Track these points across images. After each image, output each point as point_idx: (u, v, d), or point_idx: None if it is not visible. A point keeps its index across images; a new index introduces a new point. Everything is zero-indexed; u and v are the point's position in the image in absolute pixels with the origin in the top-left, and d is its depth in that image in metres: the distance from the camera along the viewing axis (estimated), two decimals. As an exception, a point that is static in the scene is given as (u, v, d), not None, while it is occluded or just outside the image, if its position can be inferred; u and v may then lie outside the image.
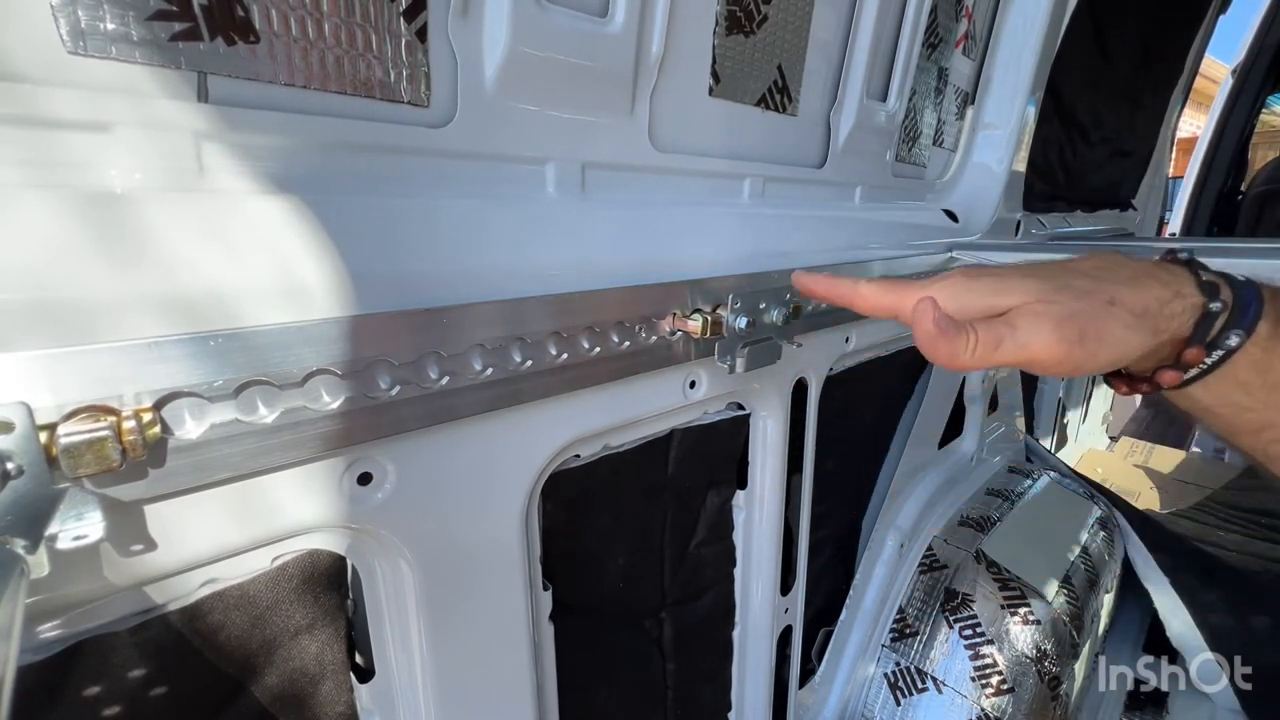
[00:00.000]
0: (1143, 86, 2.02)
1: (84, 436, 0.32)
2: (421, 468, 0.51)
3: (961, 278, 0.47)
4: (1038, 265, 0.48)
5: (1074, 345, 0.42)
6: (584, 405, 0.63)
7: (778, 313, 0.73)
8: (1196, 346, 0.45)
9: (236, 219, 0.41)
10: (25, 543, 0.32)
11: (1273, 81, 2.86)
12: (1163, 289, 0.45)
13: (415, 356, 0.46)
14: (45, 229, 0.34)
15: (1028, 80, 1.29)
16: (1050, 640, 1.33)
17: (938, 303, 0.44)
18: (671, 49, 0.69)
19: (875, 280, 0.51)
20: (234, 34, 0.42)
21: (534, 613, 0.65)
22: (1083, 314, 0.43)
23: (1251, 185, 3.06)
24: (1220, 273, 0.48)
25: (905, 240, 1.11)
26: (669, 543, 0.86)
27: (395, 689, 0.58)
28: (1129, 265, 0.47)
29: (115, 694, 0.42)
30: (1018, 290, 0.45)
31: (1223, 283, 0.46)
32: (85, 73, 0.37)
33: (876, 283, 0.51)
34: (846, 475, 1.26)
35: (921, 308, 0.44)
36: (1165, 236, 2.96)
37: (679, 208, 0.75)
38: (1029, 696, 1.28)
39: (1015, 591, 1.36)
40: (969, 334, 0.43)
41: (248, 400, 0.39)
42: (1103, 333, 0.43)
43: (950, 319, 0.43)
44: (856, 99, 0.96)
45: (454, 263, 0.51)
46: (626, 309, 0.61)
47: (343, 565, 0.54)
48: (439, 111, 0.54)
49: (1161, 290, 0.45)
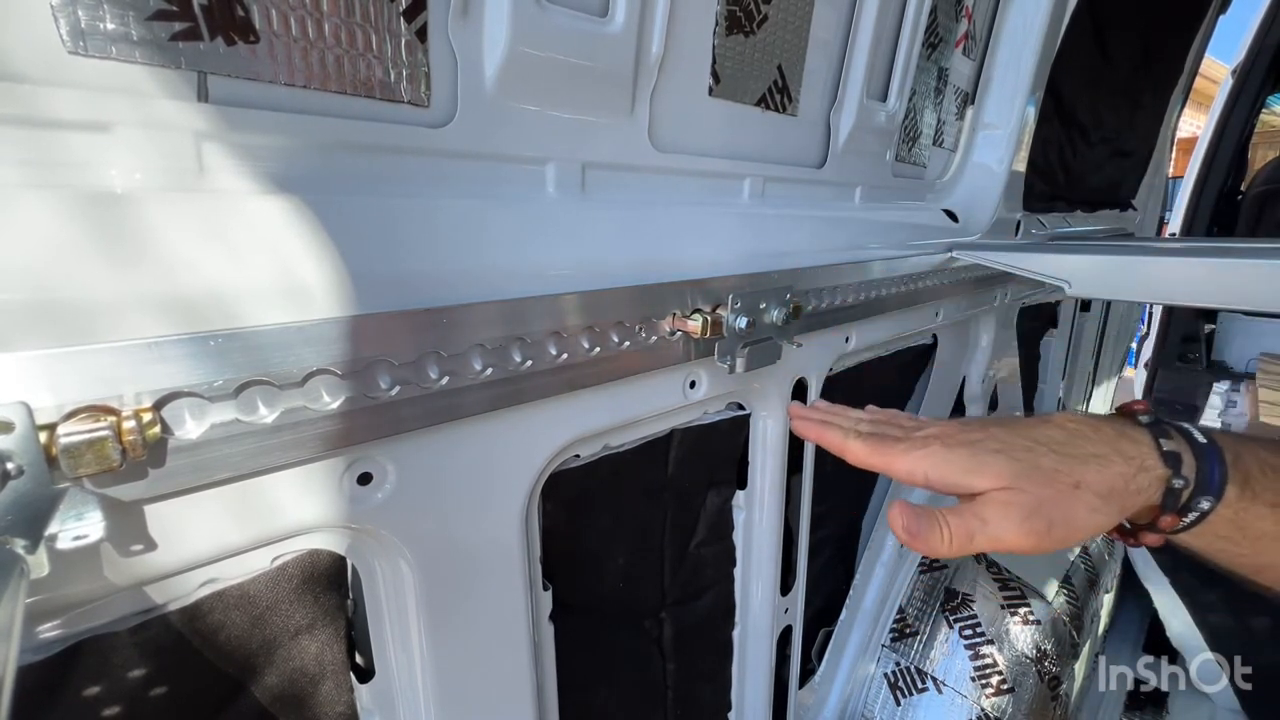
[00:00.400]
0: (1143, 86, 2.02)
1: (84, 436, 0.32)
2: (421, 468, 0.51)
3: (940, 449, 0.50)
4: (1009, 434, 0.50)
5: (1043, 536, 0.45)
6: (584, 405, 0.63)
7: (778, 313, 0.73)
8: (1170, 514, 0.48)
9: (236, 219, 0.41)
10: (25, 543, 0.32)
11: (1273, 81, 2.86)
12: (1126, 465, 0.47)
13: (415, 356, 0.46)
14: (45, 229, 0.34)
15: (1028, 80, 1.29)
16: (1050, 640, 1.33)
17: (921, 477, 0.49)
18: (671, 49, 0.69)
19: (864, 438, 0.55)
20: (234, 34, 0.42)
21: (534, 613, 0.65)
22: (1049, 502, 0.45)
23: (1251, 185, 3.06)
24: (1183, 431, 0.50)
25: (905, 240, 1.10)
26: (669, 543, 0.86)
27: (395, 689, 0.58)
28: (1093, 439, 0.49)
29: (115, 694, 0.42)
30: (990, 473, 0.47)
31: (1185, 451, 0.48)
32: (85, 73, 0.36)
33: (865, 441, 0.54)
34: (846, 475, 1.26)
35: (893, 515, 0.48)
36: (1165, 236, 2.96)
37: (679, 208, 0.75)
38: (1029, 696, 1.28)
39: (1015, 591, 1.36)
40: (942, 529, 0.47)
41: (248, 400, 0.39)
42: (1070, 519, 0.45)
43: (922, 518, 0.47)
44: (856, 99, 0.96)
45: (454, 263, 0.51)
46: (626, 309, 0.61)
47: (343, 565, 0.54)
48: (439, 111, 0.54)
49: (1125, 467, 0.47)
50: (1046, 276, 1.09)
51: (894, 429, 0.56)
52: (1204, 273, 0.95)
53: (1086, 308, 2.36)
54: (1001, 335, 1.57)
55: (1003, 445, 0.49)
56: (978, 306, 1.41)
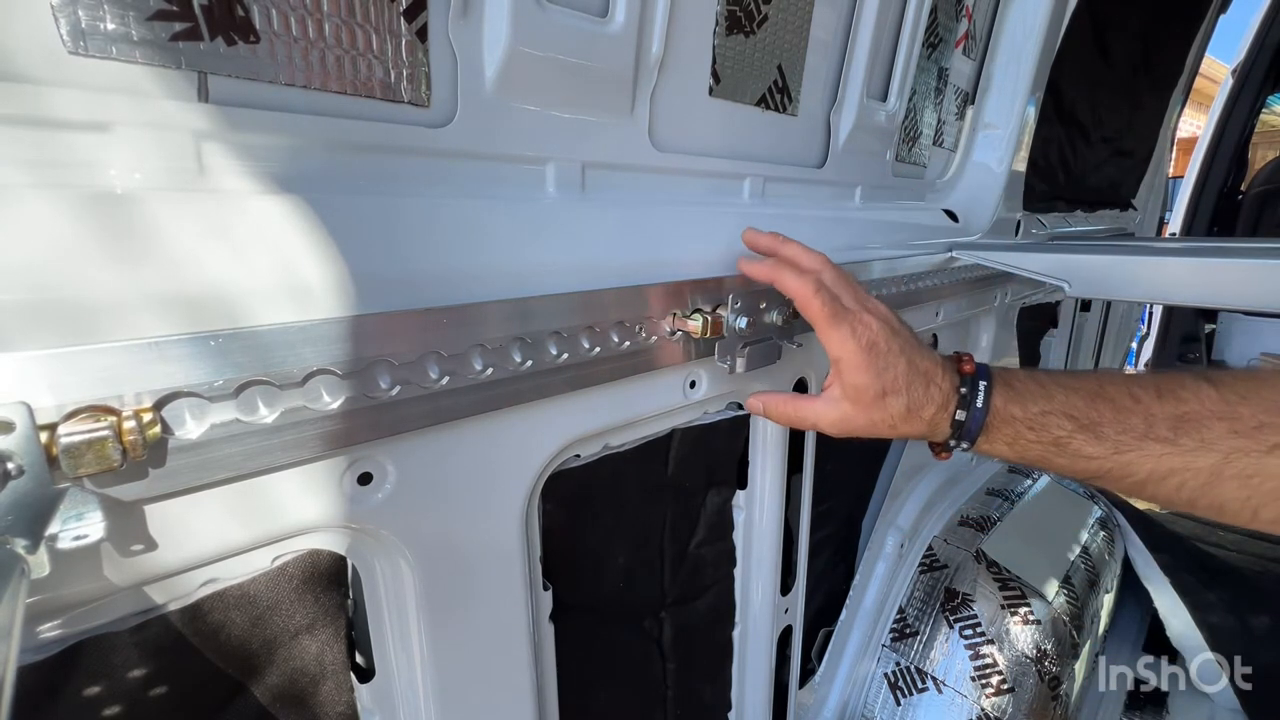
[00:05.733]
0: (1143, 86, 2.02)
1: (84, 436, 0.32)
2: (422, 468, 0.51)
3: (862, 350, 0.60)
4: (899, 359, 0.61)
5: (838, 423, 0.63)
6: (584, 405, 0.63)
7: (778, 313, 0.73)
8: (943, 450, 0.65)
9: (236, 219, 0.41)
10: (26, 543, 0.32)
11: (1273, 81, 2.87)
12: (932, 408, 0.61)
13: (415, 356, 0.46)
14: (45, 229, 0.34)
15: (1028, 80, 1.29)
16: (1050, 640, 1.33)
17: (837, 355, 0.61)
18: (671, 49, 0.69)
19: (825, 293, 0.61)
20: (234, 34, 0.42)
21: (534, 613, 0.65)
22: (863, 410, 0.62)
23: (1251, 185, 3.06)
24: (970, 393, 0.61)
25: (905, 240, 1.11)
26: (669, 543, 0.86)
27: (395, 689, 0.58)
28: (933, 386, 0.62)
29: (115, 694, 0.42)
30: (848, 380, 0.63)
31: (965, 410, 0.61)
32: (85, 73, 0.36)
33: (825, 301, 0.61)
34: (846, 475, 1.26)
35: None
36: (1165, 236, 2.96)
37: (679, 207, 0.75)
38: (1029, 696, 1.28)
39: (1015, 591, 1.36)
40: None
41: (248, 400, 0.39)
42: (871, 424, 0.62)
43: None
44: (856, 99, 0.96)
45: (454, 262, 0.51)
46: (626, 309, 0.61)
47: (343, 565, 0.54)
48: (439, 111, 0.54)
49: (930, 409, 0.61)
50: (1046, 276, 1.09)
51: (847, 295, 0.62)
52: (1204, 273, 0.95)
53: (1086, 308, 2.36)
54: (1001, 335, 1.57)
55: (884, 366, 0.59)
56: (978, 306, 1.41)
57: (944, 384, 0.60)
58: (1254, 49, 2.80)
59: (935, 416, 0.60)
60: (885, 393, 0.59)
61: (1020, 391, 0.59)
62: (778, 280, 0.63)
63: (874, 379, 0.58)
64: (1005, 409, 0.59)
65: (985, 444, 0.60)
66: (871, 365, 0.58)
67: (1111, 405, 0.55)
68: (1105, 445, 0.55)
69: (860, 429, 0.61)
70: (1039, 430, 0.57)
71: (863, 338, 0.58)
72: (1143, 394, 0.55)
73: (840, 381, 0.60)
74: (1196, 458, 0.51)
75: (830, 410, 0.61)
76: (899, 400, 0.59)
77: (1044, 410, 0.57)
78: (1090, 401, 0.56)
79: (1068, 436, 0.56)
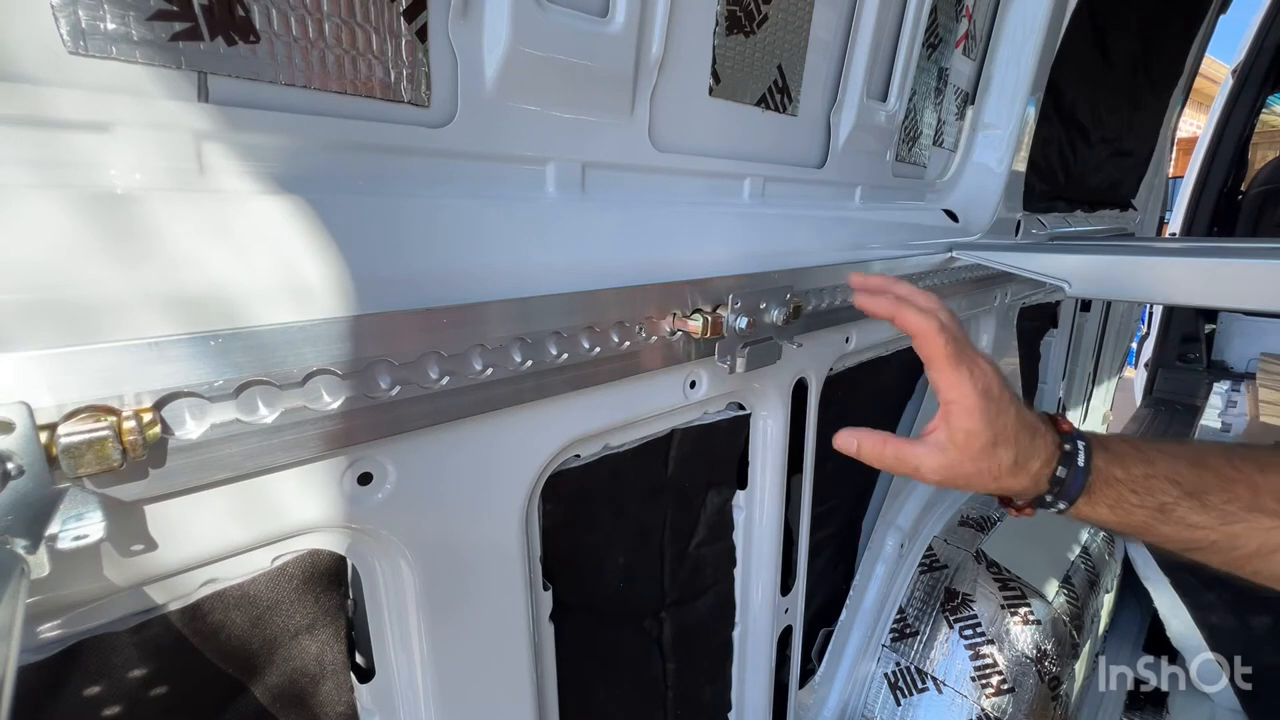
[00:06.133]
0: (1143, 86, 2.02)
1: (84, 436, 0.32)
2: (422, 468, 0.51)
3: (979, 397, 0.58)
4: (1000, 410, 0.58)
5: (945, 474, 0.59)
6: (584, 405, 0.63)
7: (778, 313, 0.73)
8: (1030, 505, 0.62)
9: (236, 219, 0.41)
10: (26, 543, 0.32)
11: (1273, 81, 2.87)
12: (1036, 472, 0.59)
13: (415, 356, 0.46)
14: (46, 229, 0.34)
15: (1028, 80, 1.29)
16: (1050, 640, 1.33)
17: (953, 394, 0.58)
18: (671, 49, 0.69)
19: (947, 332, 0.59)
20: (234, 34, 0.42)
21: (534, 613, 0.65)
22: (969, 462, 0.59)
23: (1251, 185, 3.06)
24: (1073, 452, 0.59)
25: (905, 240, 1.10)
26: (669, 543, 0.86)
27: (395, 689, 0.58)
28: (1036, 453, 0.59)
29: (115, 694, 0.42)
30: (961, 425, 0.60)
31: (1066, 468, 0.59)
32: (86, 73, 0.37)
33: (948, 340, 0.59)
34: (846, 475, 1.26)
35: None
36: (1165, 236, 2.97)
37: (679, 208, 0.75)
38: (1029, 696, 1.28)
39: (1015, 591, 1.36)
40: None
41: (248, 400, 0.39)
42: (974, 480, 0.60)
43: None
44: (856, 99, 0.96)
45: (454, 262, 0.51)
46: (626, 309, 0.61)
47: (343, 565, 0.54)
48: (439, 111, 0.54)
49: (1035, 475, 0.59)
50: (1046, 276, 1.09)
51: (963, 337, 0.60)
52: (1204, 273, 0.95)
53: (1086, 308, 2.36)
54: (1001, 335, 1.57)
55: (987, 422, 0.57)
56: (978, 306, 1.41)
57: (1049, 438, 0.58)
58: (1254, 49, 2.80)
59: (1039, 471, 0.57)
60: (995, 442, 0.56)
61: (1118, 453, 0.57)
62: (898, 316, 0.60)
63: (986, 426, 0.56)
64: (1107, 469, 0.56)
65: (1086, 506, 0.57)
66: (985, 411, 0.56)
67: (1215, 474, 0.53)
68: (1211, 514, 0.52)
69: (964, 478, 0.58)
70: (1143, 494, 0.55)
71: (979, 382, 0.56)
72: (1244, 465, 0.53)
73: (948, 426, 0.57)
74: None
75: (934, 456, 0.58)
76: (1008, 451, 0.56)
77: (1148, 474, 0.55)
78: (1193, 468, 0.54)
79: (1173, 503, 0.54)
